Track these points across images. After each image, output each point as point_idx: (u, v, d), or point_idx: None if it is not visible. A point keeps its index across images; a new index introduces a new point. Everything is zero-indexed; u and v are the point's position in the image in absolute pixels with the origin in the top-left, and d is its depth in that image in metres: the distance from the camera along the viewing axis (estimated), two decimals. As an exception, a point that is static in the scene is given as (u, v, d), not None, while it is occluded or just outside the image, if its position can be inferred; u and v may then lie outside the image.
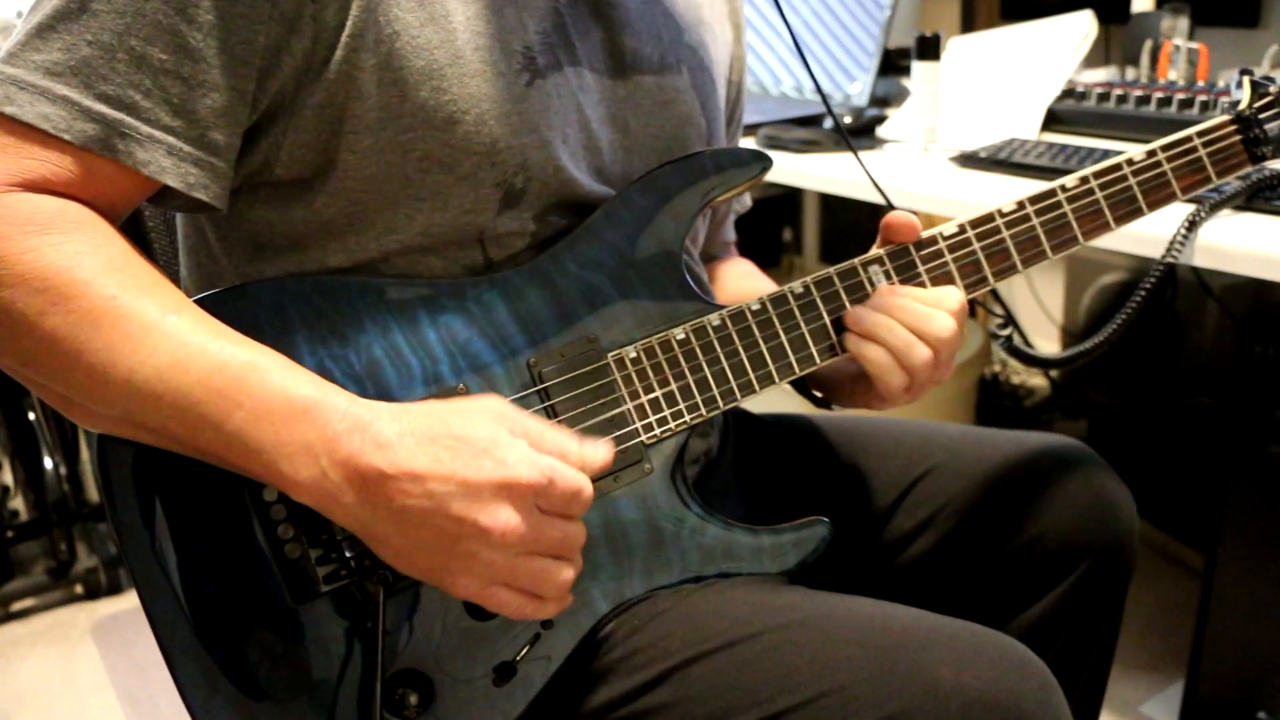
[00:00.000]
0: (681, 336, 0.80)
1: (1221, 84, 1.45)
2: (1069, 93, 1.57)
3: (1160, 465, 1.95)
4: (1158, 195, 0.88)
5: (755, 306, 0.81)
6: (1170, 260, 1.05)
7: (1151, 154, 0.88)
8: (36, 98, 0.65)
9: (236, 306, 0.71)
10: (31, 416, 2.16)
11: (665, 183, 0.82)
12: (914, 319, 0.80)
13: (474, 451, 0.64)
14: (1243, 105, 0.92)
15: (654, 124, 0.86)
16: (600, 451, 0.69)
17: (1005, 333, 1.04)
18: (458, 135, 0.74)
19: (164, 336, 0.65)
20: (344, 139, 0.72)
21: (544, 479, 0.64)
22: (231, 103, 0.69)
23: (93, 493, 2.28)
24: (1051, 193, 0.86)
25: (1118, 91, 1.51)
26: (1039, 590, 0.94)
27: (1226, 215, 1.09)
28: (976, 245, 0.85)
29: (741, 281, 1.04)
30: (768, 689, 0.71)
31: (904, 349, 0.80)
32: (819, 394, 0.93)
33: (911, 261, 0.84)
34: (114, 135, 0.67)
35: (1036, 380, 2.53)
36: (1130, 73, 1.67)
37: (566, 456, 0.67)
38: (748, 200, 1.10)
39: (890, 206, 0.87)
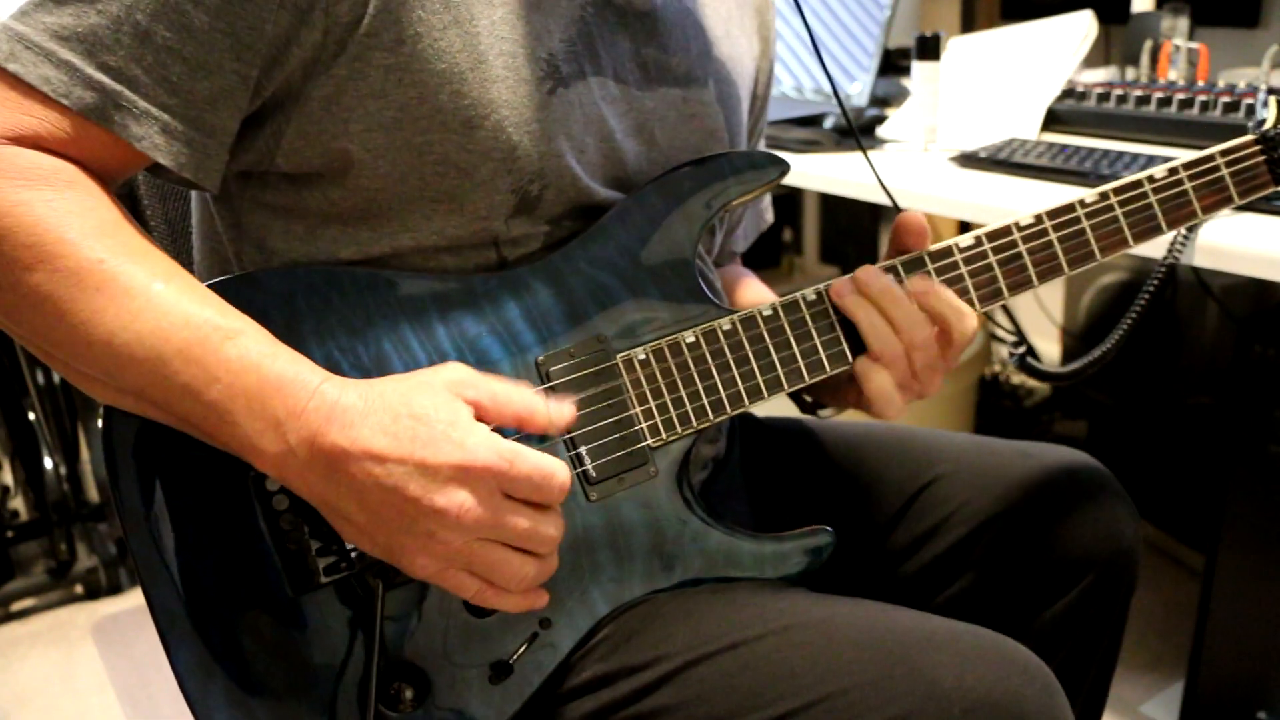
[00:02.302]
0: (691, 340, 0.79)
1: (1221, 84, 1.45)
2: (1069, 93, 1.57)
3: (1160, 465, 1.95)
4: (1178, 214, 0.86)
5: (767, 312, 0.81)
6: (1171, 261, 1.05)
7: (1173, 171, 0.86)
8: (40, 59, 0.66)
9: (246, 294, 0.71)
10: (31, 416, 2.16)
11: (681, 185, 0.81)
12: (937, 304, 0.80)
13: (433, 433, 0.64)
14: (1268, 125, 0.90)
15: (679, 136, 0.85)
16: (566, 410, 0.72)
17: (1020, 350, 1.04)
18: (475, 140, 0.74)
19: (148, 303, 0.65)
20: (354, 137, 0.72)
21: (503, 462, 0.65)
22: (232, 87, 0.70)
23: (93, 493, 2.28)
24: (1070, 208, 0.84)
25: (1118, 91, 1.51)
26: (1042, 604, 0.93)
27: (1226, 215, 1.09)
28: (993, 259, 0.84)
29: (745, 290, 1.04)
30: (769, 691, 0.71)
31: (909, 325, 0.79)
32: (809, 398, 0.93)
33: (926, 272, 0.83)
34: (110, 106, 0.67)
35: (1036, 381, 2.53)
36: (1130, 73, 1.67)
37: (534, 411, 0.69)
38: (769, 216, 1.09)
39: (896, 208, 0.87)
